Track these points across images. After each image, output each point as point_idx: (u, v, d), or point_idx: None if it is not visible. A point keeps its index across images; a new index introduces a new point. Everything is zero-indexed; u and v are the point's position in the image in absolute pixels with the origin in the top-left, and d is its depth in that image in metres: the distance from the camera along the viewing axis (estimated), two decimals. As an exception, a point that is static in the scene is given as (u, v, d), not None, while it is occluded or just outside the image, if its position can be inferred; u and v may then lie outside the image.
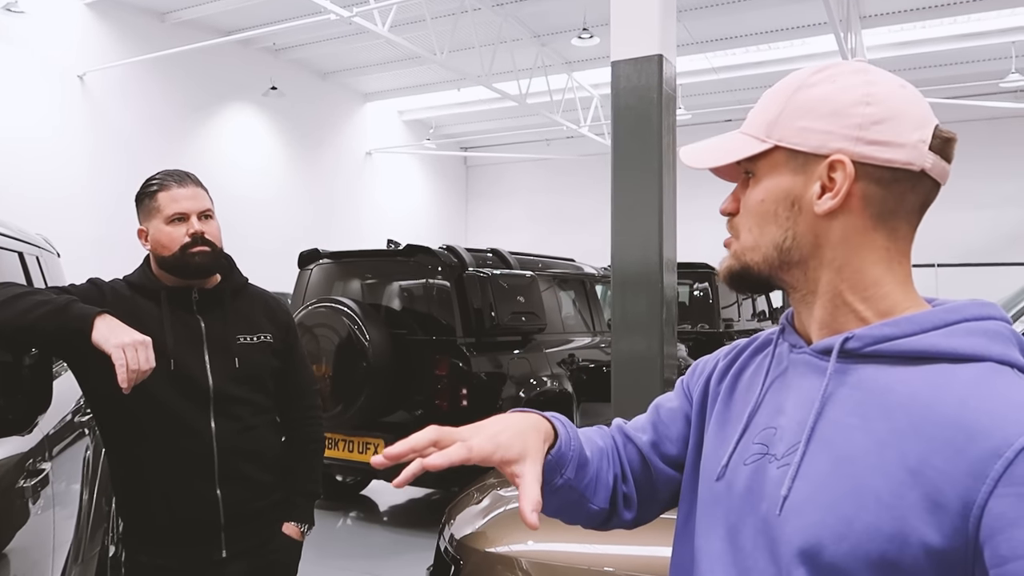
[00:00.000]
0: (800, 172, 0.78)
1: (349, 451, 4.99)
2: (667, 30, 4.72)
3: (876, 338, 0.74)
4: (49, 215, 9.48)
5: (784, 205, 0.79)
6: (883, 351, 0.74)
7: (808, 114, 0.78)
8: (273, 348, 1.95)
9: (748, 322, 9.21)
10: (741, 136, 0.83)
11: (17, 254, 2.45)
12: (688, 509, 0.91)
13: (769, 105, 0.81)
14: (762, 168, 0.81)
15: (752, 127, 0.82)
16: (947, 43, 12.04)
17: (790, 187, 0.78)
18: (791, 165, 0.78)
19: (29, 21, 10.01)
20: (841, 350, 0.76)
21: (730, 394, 0.91)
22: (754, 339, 0.97)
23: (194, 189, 1.85)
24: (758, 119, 0.82)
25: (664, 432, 0.99)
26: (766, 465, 0.79)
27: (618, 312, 4.76)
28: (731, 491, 0.82)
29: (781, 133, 0.79)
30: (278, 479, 1.96)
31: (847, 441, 0.71)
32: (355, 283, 5.40)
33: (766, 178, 0.80)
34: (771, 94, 0.83)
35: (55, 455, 2.26)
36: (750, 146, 0.81)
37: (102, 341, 1.54)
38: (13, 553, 1.83)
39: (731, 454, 0.84)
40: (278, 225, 13.54)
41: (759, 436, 0.82)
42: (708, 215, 14.23)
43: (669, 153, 4.69)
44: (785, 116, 0.79)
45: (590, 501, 0.92)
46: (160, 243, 1.81)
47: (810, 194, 0.77)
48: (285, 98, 13.44)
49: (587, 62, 13.71)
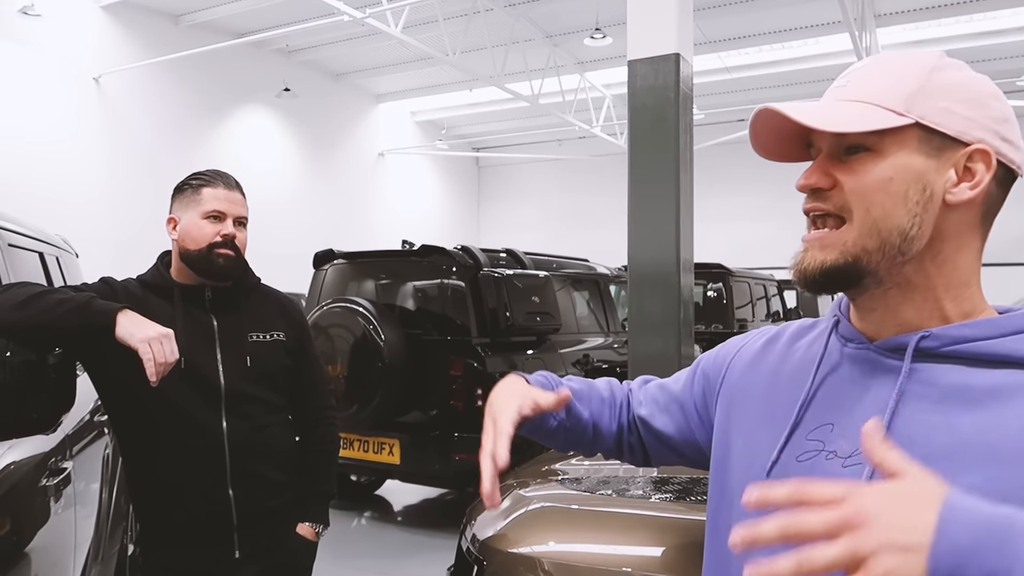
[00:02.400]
0: (934, 156, 0.73)
1: (364, 451, 4.99)
2: (684, 29, 4.69)
3: (955, 338, 0.72)
4: (66, 216, 9.54)
5: (916, 188, 0.73)
6: (960, 352, 0.72)
7: (950, 96, 0.73)
8: (286, 346, 1.95)
9: (762, 322, 9.17)
10: (870, 107, 0.74)
11: (38, 254, 2.46)
12: (720, 500, 0.90)
13: (904, 78, 0.74)
14: (889, 144, 0.73)
15: (883, 98, 0.74)
16: (962, 41, 11.95)
17: (922, 170, 0.73)
18: (924, 146, 0.73)
19: (45, 24, 10.10)
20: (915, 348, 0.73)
21: (771, 386, 0.88)
22: (785, 328, 0.94)
23: (238, 195, 1.88)
24: (892, 91, 0.74)
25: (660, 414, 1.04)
26: (823, 462, 0.76)
27: (635, 312, 4.75)
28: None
29: (923, 110, 0.73)
30: (291, 478, 1.95)
31: (930, 439, 0.69)
32: (370, 283, 5.41)
33: (894, 155, 0.73)
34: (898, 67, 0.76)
35: (76, 454, 2.27)
36: (888, 118, 0.73)
37: (127, 336, 1.54)
38: (35, 552, 1.83)
39: (781, 449, 0.81)
40: (291, 226, 13.59)
41: (813, 433, 0.79)
42: (718, 216, 14.24)
43: (686, 152, 4.67)
44: (925, 93, 0.73)
45: (594, 442, 1.04)
46: (190, 235, 1.82)
47: (942, 181, 0.73)
48: (298, 99, 13.50)
49: (599, 62, 13.71)
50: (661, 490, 2.15)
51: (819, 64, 12.88)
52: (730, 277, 8.34)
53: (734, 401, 0.92)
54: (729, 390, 0.94)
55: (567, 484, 2.29)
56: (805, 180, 0.77)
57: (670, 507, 2.00)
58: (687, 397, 1.02)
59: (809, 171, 0.78)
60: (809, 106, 0.77)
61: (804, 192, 0.79)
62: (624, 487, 2.18)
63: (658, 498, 2.08)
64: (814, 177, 0.77)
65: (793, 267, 0.79)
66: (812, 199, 0.78)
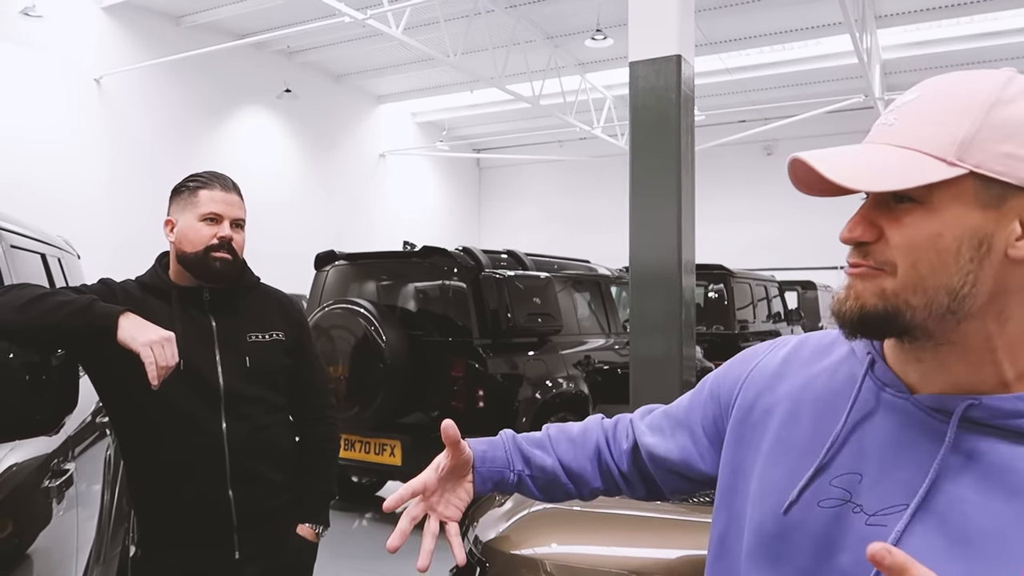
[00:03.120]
0: (993, 207, 0.64)
1: (365, 452, 4.98)
2: (685, 30, 4.69)
3: (1007, 412, 0.65)
4: (67, 217, 9.54)
5: (970, 245, 0.65)
6: (1010, 426, 0.65)
7: (1014, 137, 0.64)
8: (285, 346, 1.95)
9: (763, 323, 9.17)
10: (912, 154, 0.66)
11: (40, 255, 2.46)
12: (728, 524, 0.86)
13: (957, 120, 0.65)
14: (940, 196, 0.65)
15: (929, 144, 0.66)
16: (963, 43, 11.95)
17: (980, 224, 0.64)
18: (983, 197, 0.64)
19: (47, 25, 10.10)
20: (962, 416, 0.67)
21: (792, 414, 0.82)
22: (803, 343, 0.89)
23: (235, 197, 1.87)
24: (941, 136, 0.66)
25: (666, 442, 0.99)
26: (848, 515, 0.72)
27: (636, 313, 4.74)
28: (803, 531, 0.75)
29: (979, 157, 0.64)
30: (291, 479, 1.95)
31: (965, 520, 0.64)
32: (371, 284, 5.41)
33: (946, 209, 0.65)
34: (947, 105, 0.67)
35: (78, 455, 2.27)
36: (935, 170, 0.65)
37: (128, 340, 1.54)
38: (37, 553, 1.83)
39: (802, 489, 0.75)
40: (292, 227, 13.59)
41: (839, 480, 0.74)
42: (721, 217, 14.24)
43: (688, 154, 4.67)
44: (983, 137, 0.64)
45: (578, 486, 1.03)
46: (187, 238, 1.81)
47: (1005, 234, 0.64)
48: (299, 100, 13.50)
49: (600, 63, 13.70)
50: (663, 492, 2.14)
51: (820, 65, 12.88)
52: (731, 278, 8.33)
53: (748, 422, 0.87)
54: (743, 411, 0.88)
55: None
56: (848, 233, 0.70)
57: (672, 509, 2.00)
58: (695, 421, 0.97)
59: (853, 222, 0.70)
60: (843, 155, 0.69)
61: (847, 244, 0.71)
62: (626, 489, 2.18)
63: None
64: (858, 230, 0.69)
65: (833, 304, 0.72)
66: (855, 254, 0.71)
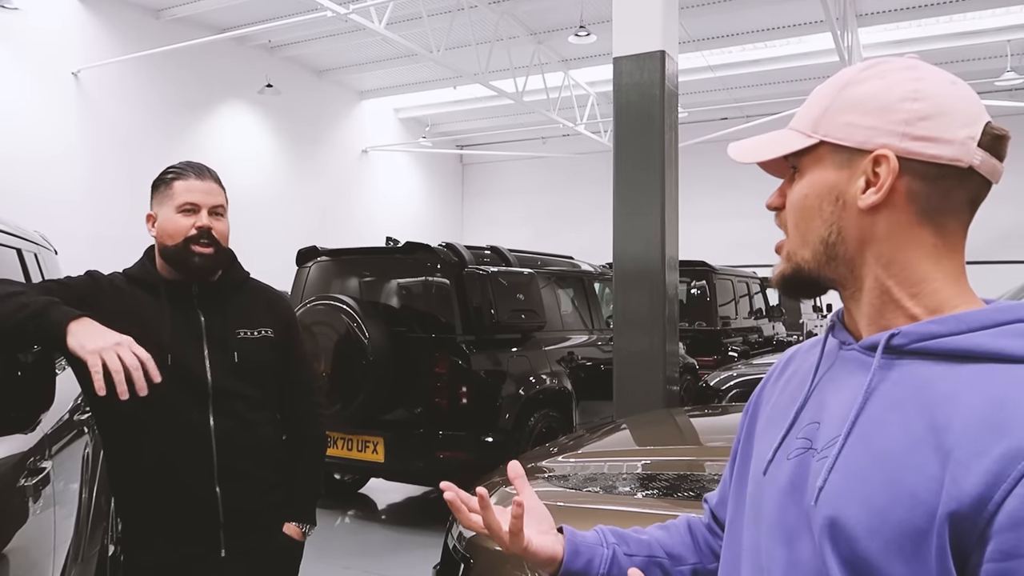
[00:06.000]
0: (844, 167, 0.79)
1: (348, 449, 4.96)
2: (669, 26, 4.70)
3: (921, 335, 0.74)
4: (45, 212, 9.42)
5: (828, 200, 0.80)
6: (929, 348, 0.74)
7: (854, 109, 0.78)
8: (273, 343, 1.92)
9: (746, 320, 9.22)
10: (788, 132, 0.84)
11: (15, 251, 2.42)
12: (735, 508, 0.94)
13: (816, 101, 0.82)
14: (807, 163, 0.82)
15: (799, 123, 0.83)
16: (943, 41, 12.09)
17: (834, 182, 0.79)
18: (835, 160, 0.79)
19: (24, 18, 9.96)
20: (887, 346, 0.76)
21: (782, 394, 0.93)
22: (808, 341, 0.99)
23: (211, 184, 1.83)
24: (805, 115, 0.83)
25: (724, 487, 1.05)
26: (809, 460, 0.79)
27: (620, 309, 4.75)
28: (775, 485, 0.82)
29: (827, 128, 0.80)
30: (278, 476, 1.93)
31: (885, 437, 0.71)
32: (354, 281, 5.38)
33: (810, 173, 0.82)
34: (820, 91, 0.83)
35: (55, 453, 2.24)
36: (796, 141, 0.82)
37: (77, 348, 1.49)
38: (13, 553, 1.80)
39: (776, 449, 0.85)
40: (273, 223, 13.49)
41: (803, 431, 0.83)
42: (704, 215, 14.31)
43: (672, 150, 4.67)
44: (832, 112, 0.80)
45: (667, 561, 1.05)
46: (166, 231, 1.78)
47: (854, 189, 0.78)
48: (281, 96, 13.38)
49: (584, 60, 13.71)
50: (648, 487, 2.14)
51: (801, 63, 12.97)
52: (714, 275, 8.38)
53: (753, 417, 0.98)
54: (752, 408, 1.00)
55: (554, 481, 2.29)
56: (768, 202, 0.87)
57: (657, 504, 2.00)
58: (735, 453, 1.05)
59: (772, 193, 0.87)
60: (751, 141, 0.87)
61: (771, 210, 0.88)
62: (611, 484, 2.18)
63: (644, 495, 2.08)
64: (771, 198, 0.87)
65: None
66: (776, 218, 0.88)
